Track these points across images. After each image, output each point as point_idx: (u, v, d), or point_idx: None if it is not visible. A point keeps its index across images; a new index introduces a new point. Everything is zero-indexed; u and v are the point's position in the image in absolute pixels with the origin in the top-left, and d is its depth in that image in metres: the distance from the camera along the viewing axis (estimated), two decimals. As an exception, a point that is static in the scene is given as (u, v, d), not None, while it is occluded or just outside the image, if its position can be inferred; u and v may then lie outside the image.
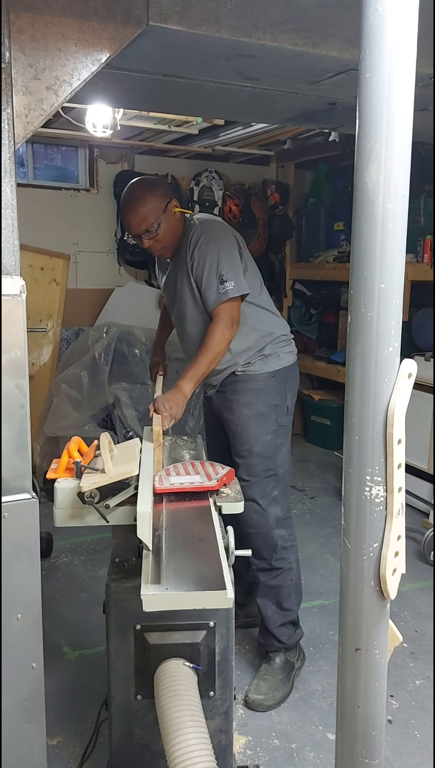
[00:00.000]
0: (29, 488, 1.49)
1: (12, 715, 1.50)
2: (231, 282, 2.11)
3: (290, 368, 2.36)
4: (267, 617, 2.32)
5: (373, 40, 1.01)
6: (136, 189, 2.19)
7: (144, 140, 4.54)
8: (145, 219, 2.15)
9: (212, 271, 2.13)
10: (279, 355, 2.32)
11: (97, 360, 4.28)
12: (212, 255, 2.14)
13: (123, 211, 2.21)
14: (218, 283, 2.11)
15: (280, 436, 2.32)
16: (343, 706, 1.16)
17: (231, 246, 2.19)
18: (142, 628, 1.56)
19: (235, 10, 1.61)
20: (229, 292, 2.11)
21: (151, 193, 2.16)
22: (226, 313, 2.13)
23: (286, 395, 2.34)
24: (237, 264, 2.17)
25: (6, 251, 1.38)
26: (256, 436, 2.27)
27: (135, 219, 2.16)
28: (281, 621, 2.33)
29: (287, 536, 2.34)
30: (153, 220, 2.14)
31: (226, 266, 2.13)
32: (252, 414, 2.28)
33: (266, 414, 2.28)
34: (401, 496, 1.06)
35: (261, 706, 2.22)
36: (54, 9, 1.41)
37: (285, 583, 2.32)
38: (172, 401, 2.03)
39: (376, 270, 1.03)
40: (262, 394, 2.28)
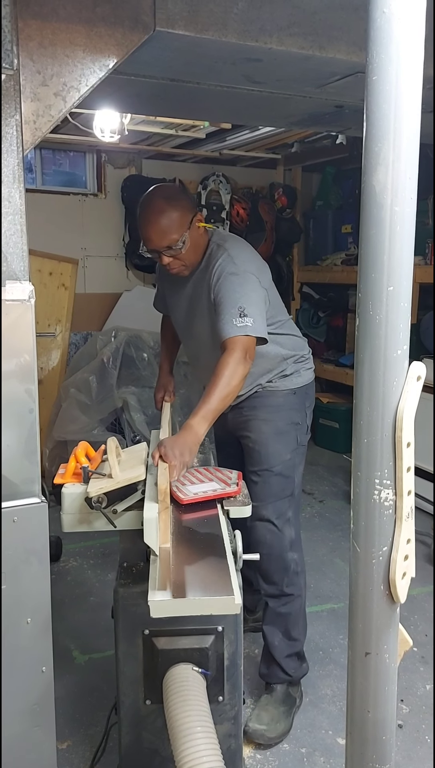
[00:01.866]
0: (38, 492, 1.50)
1: (22, 718, 1.50)
2: (250, 319, 1.91)
3: (310, 386, 2.28)
4: (273, 646, 2.20)
5: (380, 42, 1.01)
6: (158, 200, 1.98)
7: (151, 145, 4.55)
8: (167, 234, 1.96)
9: (234, 301, 1.93)
10: (300, 372, 2.23)
11: (105, 364, 4.28)
12: (237, 286, 1.95)
13: (144, 223, 1.99)
14: (238, 314, 1.91)
15: (299, 455, 2.23)
16: (353, 711, 1.15)
17: (254, 281, 2.00)
18: (150, 633, 1.55)
19: (241, 14, 1.61)
20: (247, 329, 1.90)
21: (175, 206, 1.97)
22: (241, 347, 1.90)
23: (305, 413, 2.25)
24: (261, 304, 1.99)
25: (15, 256, 1.39)
26: (276, 455, 2.15)
27: (156, 233, 1.97)
28: (288, 652, 2.22)
29: (299, 560, 2.23)
30: (177, 236, 1.96)
31: (250, 302, 1.94)
32: (271, 431, 2.16)
33: (286, 432, 2.18)
34: (411, 500, 1.06)
35: (263, 737, 2.08)
36: (62, 16, 1.42)
37: (294, 610, 2.22)
38: (184, 446, 1.71)
39: (384, 273, 1.03)
40: (282, 410, 2.18)
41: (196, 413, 1.81)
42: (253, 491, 2.13)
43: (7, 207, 1.38)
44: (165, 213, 1.96)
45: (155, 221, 1.96)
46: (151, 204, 1.99)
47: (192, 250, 2.04)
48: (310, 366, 2.29)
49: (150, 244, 2.00)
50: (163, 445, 1.70)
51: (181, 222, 1.97)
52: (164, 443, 1.71)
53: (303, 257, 5.60)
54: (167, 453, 1.67)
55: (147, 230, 1.99)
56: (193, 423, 1.78)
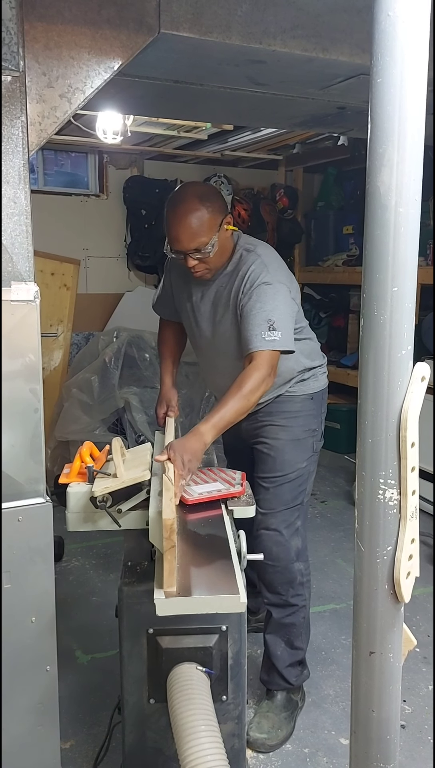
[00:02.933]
0: (43, 492, 1.50)
1: (26, 718, 1.51)
2: (279, 333, 1.85)
3: (325, 391, 2.24)
4: (275, 656, 2.16)
5: (384, 45, 1.02)
6: (192, 198, 1.89)
7: (153, 146, 4.56)
8: (197, 236, 1.87)
9: (265, 313, 1.87)
10: (317, 376, 2.19)
11: (107, 364, 4.29)
12: (269, 297, 1.89)
13: (173, 222, 1.89)
14: (266, 328, 1.85)
15: (312, 463, 2.17)
16: (357, 710, 1.15)
17: (286, 294, 1.95)
18: (154, 632, 1.56)
19: (245, 16, 1.62)
20: (275, 343, 1.85)
21: (208, 207, 1.88)
22: (266, 362, 1.85)
23: (321, 419, 2.21)
24: (290, 318, 1.94)
25: (20, 257, 1.39)
26: (291, 463, 2.09)
27: (185, 234, 1.88)
28: (290, 661, 2.17)
29: (305, 570, 2.17)
30: (206, 239, 1.88)
31: (280, 315, 1.88)
32: (288, 438, 2.10)
33: (303, 439, 2.13)
34: (415, 499, 1.06)
35: (263, 746, 2.05)
36: (67, 18, 1.43)
37: (298, 621, 2.16)
38: (191, 452, 1.69)
39: (389, 273, 1.04)
40: (300, 417, 2.13)
41: (208, 420, 1.76)
42: (263, 499, 2.08)
43: (13, 208, 1.39)
44: (197, 213, 1.86)
45: (186, 221, 1.87)
46: (183, 202, 1.89)
47: (218, 254, 1.96)
48: (325, 370, 2.26)
49: (177, 245, 1.91)
50: (171, 449, 1.67)
51: (212, 224, 1.89)
52: (173, 447, 1.68)
53: (304, 258, 5.61)
54: (175, 458, 1.65)
55: (175, 230, 1.89)
56: (202, 429, 1.74)
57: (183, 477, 1.65)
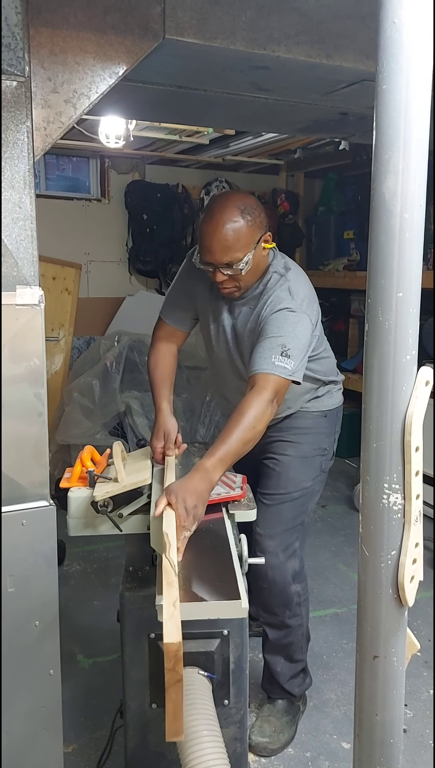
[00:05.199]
0: (47, 496, 1.51)
1: (29, 721, 1.51)
2: (292, 361, 1.72)
3: (339, 409, 2.18)
4: (276, 672, 2.11)
5: (390, 52, 1.02)
6: (233, 209, 1.76)
7: (155, 150, 4.58)
8: (231, 250, 1.76)
9: (279, 338, 1.75)
10: (332, 393, 2.12)
11: (108, 368, 4.30)
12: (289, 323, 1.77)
13: (208, 231, 1.76)
14: (279, 352, 1.73)
15: (319, 482, 2.10)
16: (361, 714, 1.15)
17: (309, 327, 1.83)
18: (156, 636, 1.56)
19: (249, 22, 1.63)
20: (285, 371, 1.71)
21: (247, 220, 1.77)
22: (271, 387, 1.70)
23: (333, 438, 2.13)
24: (305, 350, 1.81)
25: (25, 262, 1.40)
26: (296, 481, 2.02)
27: (219, 246, 1.75)
28: (291, 674, 2.14)
29: (302, 591, 2.10)
30: (241, 255, 1.76)
31: (296, 345, 1.76)
32: (297, 455, 2.03)
33: (312, 458, 2.05)
34: (419, 504, 1.07)
35: (265, 750, 2.04)
36: (72, 24, 1.44)
37: (296, 639, 2.11)
38: (196, 495, 1.47)
39: (394, 279, 1.04)
40: (311, 434, 2.05)
41: (213, 454, 1.57)
42: (262, 517, 1.96)
43: (18, 213, 1.39)
44: (235, 225, 1.75)
45: (221, 232, 1.74)
46: (222, 211, 1.76)
47: (251, 273, 1.83)
48: (340, 387, 2.19)
49: (208, 256, 1.78)
50: (171, 493, 1.46)
51: (249, 240, 1.77)
52: (173, 490, 1.46)
53: (305, 262, 5.62)
54: (177, 505, 1.43)
55: (210, 240, 1.76)
56: (208, 466, 1.55)
57: (186, 528, 1.43)
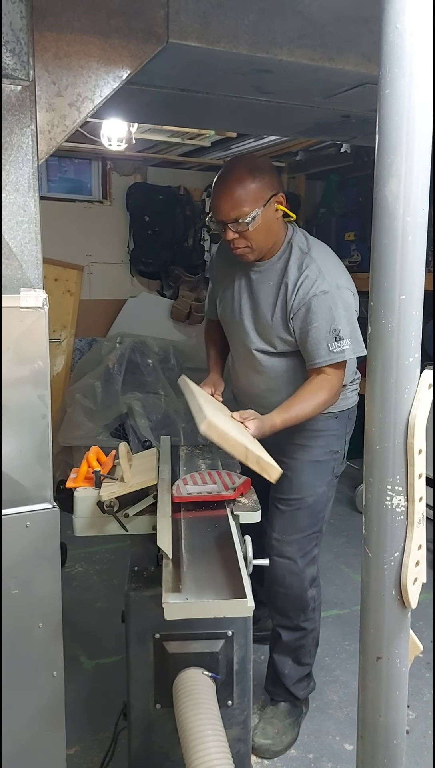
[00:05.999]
0: (50, 498, 1.51)
1: (33, 723, 1.51)
2: (347, 340, 1.78)
3: (353, 409, 2.12)
4: (283, 674, 2.12)
5: (392, 57, 1.03)
6: (239, 167, 1.82)
7: (157, 153, 4.58)
8: (239, 205, 1.78)
9: (325, 324, 1.79)
10: (346, 393, 2.05)
11: (110, 370, 4.31)
12: (325, 306, 1.80)
13: (215, 189, 1.82)
14: (332, 339, 1.77)
15: (332, 487, 2.08)
16: (364, 715, 1.16)
17: (350, 296, 1.86)
18: (161, 637, 1.56)
19: (252, 26, 1.63)
20: (345, 353, 1.78)
21: (254, 178, 1.79)
22: (337, 378, 1.82)
23: (345, 440, 2.10)
24: (354, 319, 1.84)
25: (30, 264, 1.41)
26: (309, 486, 2.00)
27: (227, 203, 1.79)
28: (298, 677, 2.14)
29: (317, 596, 2.11)
30: (248, 209, 1.78)
31: (345, 320, 1.79)
32: (308, 459, 2.01)
33: (324, 461, 2.03)
34: (422, 506, 1.07)
35: (268, 752, 2.04)
36: (76, 28, 1.45)
37: (307, 642, 2.12)
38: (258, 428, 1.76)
39: (396, 282, 1.05)
40: (322, 436, 2.02)
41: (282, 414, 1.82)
42: (278, 522, 2.01)
43: (22, 215, 1.40)
44: (242, 182, 1.78)
45: (229, 189, 1.79)
46: (230, 170, 1.82)
47: (264, 233, 1.84)
48: (356, 388, 2.13)
49: (218, 214, 1.83)
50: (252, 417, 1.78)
51: (258, 196, 1.79)
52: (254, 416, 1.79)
53: (307, 264, 5.62)
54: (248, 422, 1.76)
55: (218, 198, 1.82)
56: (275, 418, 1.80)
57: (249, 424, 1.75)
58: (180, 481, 1.83)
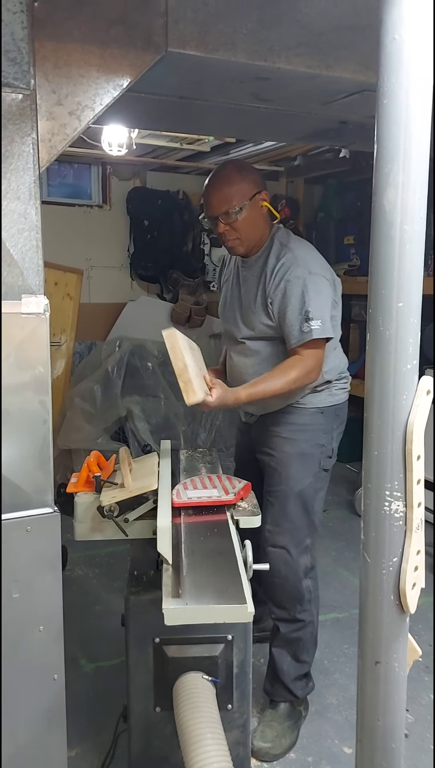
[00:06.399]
0: (51, 502, 1.52)
1: (34, 726, 1.51)
2: (317, 321, 1.90)
3: (341, 406, 2.19)
4: (281, 670, 2.16)
5: (390, 67, 1.04)
6: (227, 167, 2.04)
7: (156, 157, 4.60)
8: (227, 200, 1.98)
9: (296, 306, 1.93)
10: (332, 390, 2.15)
11: (109, 373, 4.32)
12: (298, 289, 1.93)
13: (206, 187, 2.04)
14: (303, 320, 1.91)
15: (321, 480, 2.14)
16: (362, 719, 1.17)
17: (322, 282, 1.99)
18: (160, 641, 1.58)
19: (250, 35, 1.65)
20: (313, 332, 1.90)
21: (240, 176, 2.01)
22: (311, 357, 1.94)
23: (332, 435, 2.16)
24: (326, 302, 1.97)
25: (31, 271, 1.42)
26: (296, 478, 2.08)
27: (216, 198, 2.00)
28: (296, 674, 2.17)
29: (313, 587, 2.16)
30: (236, 203, 1.97)
31: (314, 303, 1.92)
32: (294, 452, 2.09)
33: (310, 454, 2.10)
34: (420, 511, 1.08)
35: (267, 755, 2.05)
36: (76, 37, 1.46)
37: (305, 636, 2.16)
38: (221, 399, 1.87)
39: (394, 289, 1.06)
40: (307, 430, 2.10)
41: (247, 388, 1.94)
42: (270, 514, 2.08)
43: (24, 223, 1.41)
44: (230, 180, 1.99)
45: (218, 187, 2.00)
46: (219, 171, 2.04)
47: (250, 226, 2.02)
48: (343, 387, 2.21)
49: (209, 210, 2.03)
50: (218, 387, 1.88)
51: (243, 193, 1.99)
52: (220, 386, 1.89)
53: (305, 268, 5.63)
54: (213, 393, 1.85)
55: (208, 194, 2.03)
56: (240, 391, 1.93)
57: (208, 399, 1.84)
58: (180, 485, 1.84)
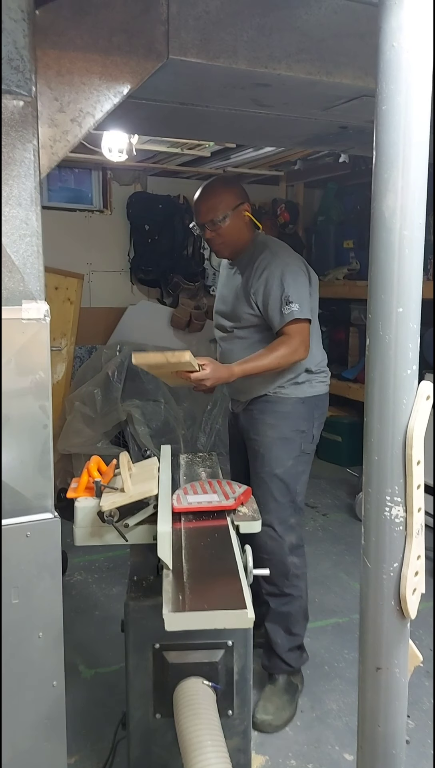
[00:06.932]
0: (51, 508, 1.52)
1: (33, 733, 1.51)
2: (295, 304, 2.13)
3: (321, 397, 2.37)
4: (276, 642, 2.32)
5: (389, 74, 1.05)
6: (213, 182, 2.32)
7: (157, 162, 4.61)
8: (213, 209, 2.23)
9: (276, 292, 2.15)
10: (312, 383, 2.33)
11: (110, 378, 4.32)
12: (277, 278, 2.16)
13: (196, 199, 2.31)
14: (284, 303, 2.14)
15: (302, 463, 2.32)
16: (363, 725, 1.17)
17: (298, 272, 2.21)
18: (160, 647, 1.57)
19: (251, 42, 1.65)
20: (293, 313, 2.13)
21: (225, 189, 2.26)
22: (297, 335, 2.15)
23: (313, 423, 2.34)
24: (303, 289, 2.19)
25: (32, 277, 1.42)
26: (278, 460, 2.27)
27: (204, 207, 2.25)
28: (289, 646, 2.34)
29: (299, 564, 2.34)
30: (220, 212, 2.22)
31: (292, 289, 2.15)
32: (276, 436, 2.28)
33: (291, 438, 2.28)
34: (420, 517, 1.08)
35: (270, 726, 2.21)
36: (78, 45, 1.47)
37: (294, 609, 2.33)
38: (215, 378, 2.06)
39: (394, 295, 1.07)
40: (289, 417, 2.28)
41: (241, 365, 2.14)
42: (255, 493, 2.21)
43: (25, 229, 1.42)
44: (216, 192, 2.25)
45: (206, 198, 2.26)
46: (207, 184, 2.31)
47: (234, 232, 2.27)
48: (323, 380, 2.38)
49: (197, 217, 2.30)
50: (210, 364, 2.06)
51: (228, 203, 2.23)
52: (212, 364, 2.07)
53: (305, 272, 5.64)
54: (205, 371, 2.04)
55: (197, 204, 2.29)
56: (233, 367, 2.13)
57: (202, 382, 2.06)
58: (180, 490, 1.84)
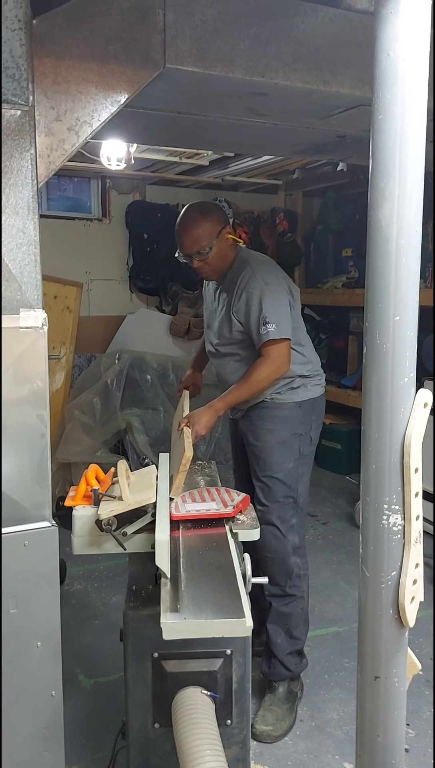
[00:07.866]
0: (49, 516, 1.52)
1: (31, 743, 1.50)
2: (272, 324, 2.17)
3: (317, 400, 2.41)
4: (276, 644, 2.33)
5: (385, 83, 1.06)
6: (192, 212, 2.30)
7: (155, 171, 4.63)
8: (197, 241, 2.24)
9: (254, 313, 2.19)
10: (307, 386, 2.37)
11: (109, 386, 4.32)
12: (256, 299, 2.19)
13: (178, 231, 2.30)
14: (261, 324, 2.18)
15: (302, 465, 2.35)
16: (362, 735, 1.16)
17: (277, 290, 2.24)
18: (159, 656, 1.56)
19: (248, 51, 1.66)
20: (269, 333, 2.17)
21: (206, 218, 2.26)
22: (274, 353, 2.19)
23: (310, 425, 2.38)
24: (282, 307, 2.22)
25: (29, 285, 1.42)
26: (278, 463, 2.30)
27: (188, 240, 2.26)
28: (290, 649, 2.34)
29: (302, 564, 2.37)
30: (205, 243, 2.24)
31: (270, 309, 2.18)
32: (275, 441, 2.31)
33: (289, 442, 2.32)
34: (419, 524, 1.08)
35: (269, 737, 2.20)
36: (75, 54, 1.47)
37: (296, 611, 2.34)
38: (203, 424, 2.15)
39: (391, 303, 1.07)
40: (287, 422, 2.32)
41: (222, 398, 2.23)
42: (258, 496, 2.33)
43: (22, 238, 1.42)
44: (197, 223, 2.25)
45: (188, 230, 2.25)
46: (186, 215, 2.30)
47: (220, 258, 2.29)
48: (318, 383, 2.42)
49: (183, 249, 2.30)
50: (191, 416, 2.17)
51: (211, 232, 2.24)
52: (192, 416, 2.18)
53: (304, 280, 5.66)
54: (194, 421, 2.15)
55: (180, 237, 2.28)
56: (215, 402, 2.22)
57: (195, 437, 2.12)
58: (179, 498, 1.83)
